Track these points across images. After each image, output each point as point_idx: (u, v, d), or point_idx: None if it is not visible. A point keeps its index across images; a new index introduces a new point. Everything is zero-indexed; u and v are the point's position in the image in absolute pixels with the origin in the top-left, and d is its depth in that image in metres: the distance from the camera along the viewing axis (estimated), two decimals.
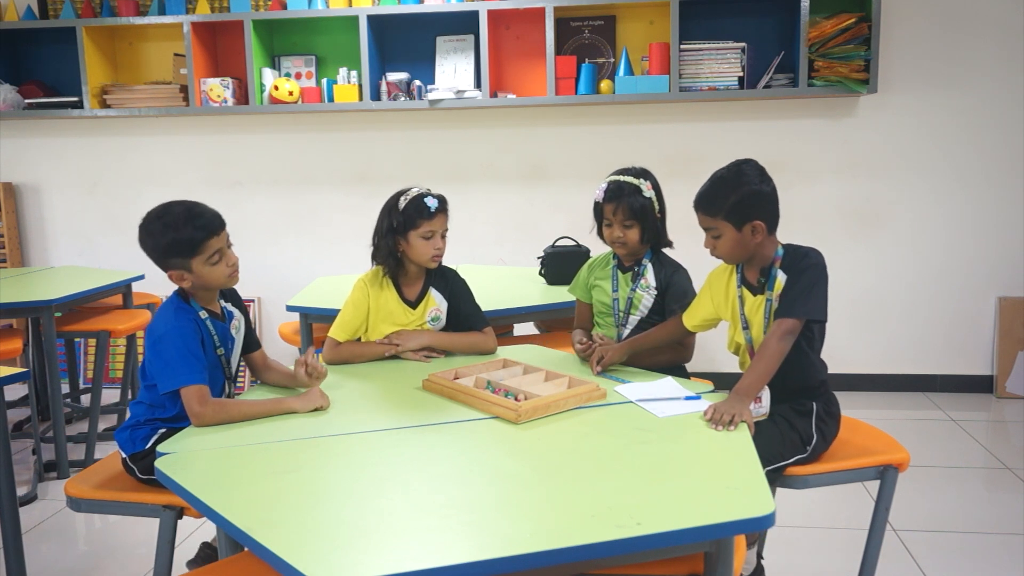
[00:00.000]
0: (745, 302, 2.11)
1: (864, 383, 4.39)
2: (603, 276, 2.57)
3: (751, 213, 2.01)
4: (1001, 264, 4.25)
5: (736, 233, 2.03)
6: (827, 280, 2.03)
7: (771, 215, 2.06)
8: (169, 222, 2.02)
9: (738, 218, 2.01)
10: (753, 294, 2.10)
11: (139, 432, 2.07)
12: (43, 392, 4.12)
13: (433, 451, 1.71)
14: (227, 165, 4.62)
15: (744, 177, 2.03)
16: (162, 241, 2.02)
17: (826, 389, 2.15)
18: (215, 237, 2.04)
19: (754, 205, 2.01)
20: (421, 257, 2.42)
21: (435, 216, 2.39)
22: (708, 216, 2.05)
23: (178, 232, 2.01)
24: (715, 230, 2.06)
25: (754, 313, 2.09)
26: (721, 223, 2.03)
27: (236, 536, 1.39)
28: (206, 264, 2.04)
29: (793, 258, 2.06)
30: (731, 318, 2.17)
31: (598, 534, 1.31)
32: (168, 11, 4.31)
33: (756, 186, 2.03)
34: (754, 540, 2.21)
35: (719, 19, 4.17)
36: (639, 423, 1.82)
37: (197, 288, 2.08)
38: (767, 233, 2.05)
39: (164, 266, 2.05)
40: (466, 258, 4.31)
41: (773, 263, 2.06)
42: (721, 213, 2.02)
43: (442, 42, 4.34)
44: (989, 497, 3.20)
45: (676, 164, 4.26)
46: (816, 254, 2.06)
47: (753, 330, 2.09)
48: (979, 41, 4.11)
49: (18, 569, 2.45)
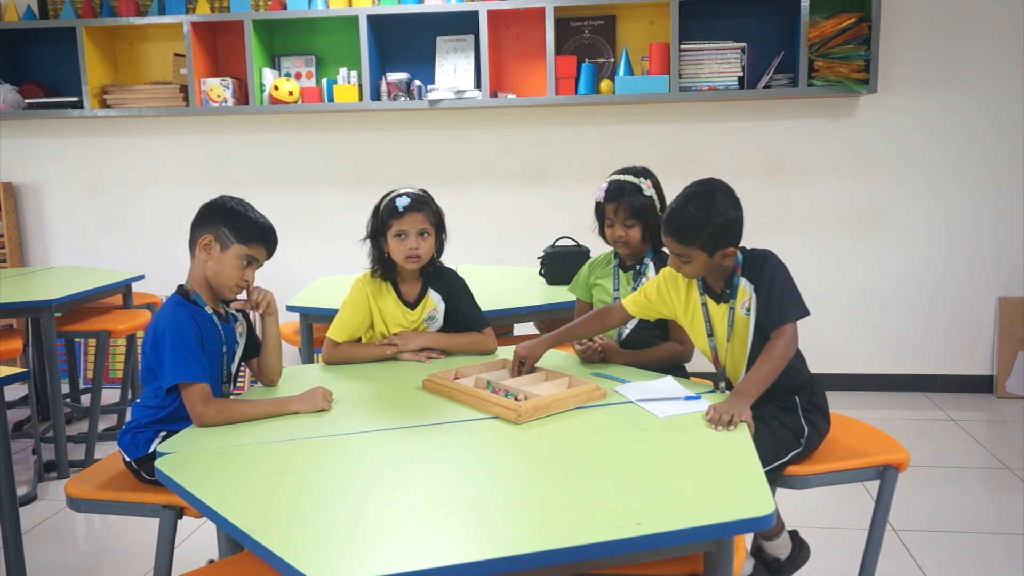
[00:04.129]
0: (709, 309, 2.10)
1: (864, 383, 4.38)
2: (604, 275, 2.57)
3: (724, 241, 2.00)
4: (1001, 264, 4.25)
5: (708, 259, 2.02)
6: (790, 274, 2.03)
7: (740, 237, 2.04)
8: (252, 209, 2.12)
9: (712, 247, 2.00)
10: (716, 302, 2.09)
11: (140, 436, 2.07)
12: (43, 392, 4.12)
13: (433, 451, 1.71)
14: (227, 165, 4.63)
15: (717, 207, 1.99)
16: (234, 212, 2.08)
17: (808, 385, 2.15)
18: (262, 249, 2.11)
19: (728, 234, 2.00)
20: (397, 258, 2.39)
21: (404, 215, 2.35)
22: (680, 244, 2.02)
23: (252, 219, 2.09)
24: (686, 256, 2.03)
25: (719, 321, 2.09)
26: (694, 251, 2.01)
27: (236, 536, 1.39)
28: (234, 259, 2.07)
29: (752, 264, 2.05)
30: (689, 323, 2.17)
31: (598, 534, 1.31)
32: (168, 11, 4.31)
33: (731, 215, 2.01)
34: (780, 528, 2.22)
35: (719, 19, 4.17)
36: (639, 423, 1.82)
37: (208, 272, 2.08)
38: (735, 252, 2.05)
39: (212, 227, 2.07)
40: (466, 258, 4.31)
41: (734, 271, 2.06)
42: (695, 244, 2.01)
43: (442, 42, 4.34)
44: (989, 497, 3.20)
45: (676, 164, 4.26)
46: (772, 256, 2.05)
47: (717, 336, 2.09)
48: (979, 41, 4.11)
49: (18, 569, 2.45)
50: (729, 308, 2.06)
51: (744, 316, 2.04)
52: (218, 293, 2.13)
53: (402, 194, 2.39)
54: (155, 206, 4.68)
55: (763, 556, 2.25)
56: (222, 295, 2.13)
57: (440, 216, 2.45)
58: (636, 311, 2.25)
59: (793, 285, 2.02)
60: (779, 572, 2.25)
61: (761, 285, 2.01)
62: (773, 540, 2.21)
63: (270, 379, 2.22)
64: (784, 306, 1.99)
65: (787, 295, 2.00)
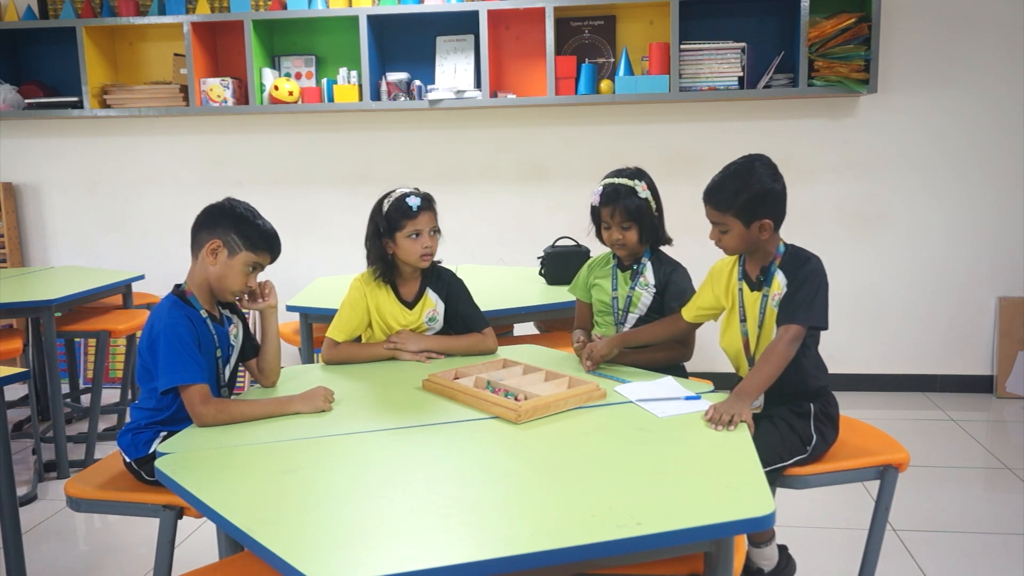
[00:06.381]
0: (744, 295, 2.12)
1: (864, 383, 4.38)
2: (603, 275, 2.57)
3: (761, 211, 2.01)
4: (1001, 264, 4.25)
5: (744, 229, 2.03)
6: (828, 288, 2.04)
7: (779, 213, 2.06)
8: (259, 215, 2.12)
9: (747, 215, 2.01)
10: (751, 289, 2.10)
11: (140, 437, 2.07)
12: (43, 392, 4.12)
13: (433, 451, 1.71)
14: (227, 165, 4.62)
15: (756, 174, 2.02)
16: (243, 218, 2.08)
17: (824, 392, 2.15)
18: (268, 256, 2.11)
19: (764, 204, 2.01)
20: (410, 257, 2.41)
21: (418, 215, 2.38)
22: (717, 211, 2.05)
23: (260, 227, 2.09)
24: (723, 225, 2.06)
25: (751, 307, 2.10)
26: (730, 219, 2.03)
27: (236, 536, 1.39)
28: (242, 265, 2.07)
29: (794, 260, 2.06)
30: (730, 309, 2.18)
31: (598, 534, 1.31)
32: (168, 11, 4.31)
33: (768, 184, 2.03)
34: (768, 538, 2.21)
35: (719, 19, 4.17)
36: (639, 423, 1.82)
37: (210, 276, 2.08)
38: (773, 230, 2.06)
39: (221, 232, 2.06)
40: (466, 258, 4.31)
41: (773, 260, 2.06)
42: (731, 210, 2.02)
43: (442, 42, 4.34)
44: (989, 497, 3.20)
45: (676, 164, 4.26)
46: (817, 261, 2.06)
47: (749, 323, 2.10)
48: (979, 41, 4.11)
49: (18, 569, 2.45)
50: (763, 296, 2.06)
51: (774, 309, 2.04)
52: (219, 296, 2.12)
53: (411, 194, 2.40)
54: (155, 206, 4.68)
55: (748, 564, 2.22)
56: (223, 298, 2.13)
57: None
58: (694, 317, 2.28)
59: (824, 296, 2.02)
60: None
61: (794, 282, 2.02)
62: (762, 548, 2.19)
63: (270, 379, 2.22)
64: (803, 308, 1.99)
65: (813, 300, 1.99)
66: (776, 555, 2.24)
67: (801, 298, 2.00)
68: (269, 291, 2.18)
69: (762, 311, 2.06)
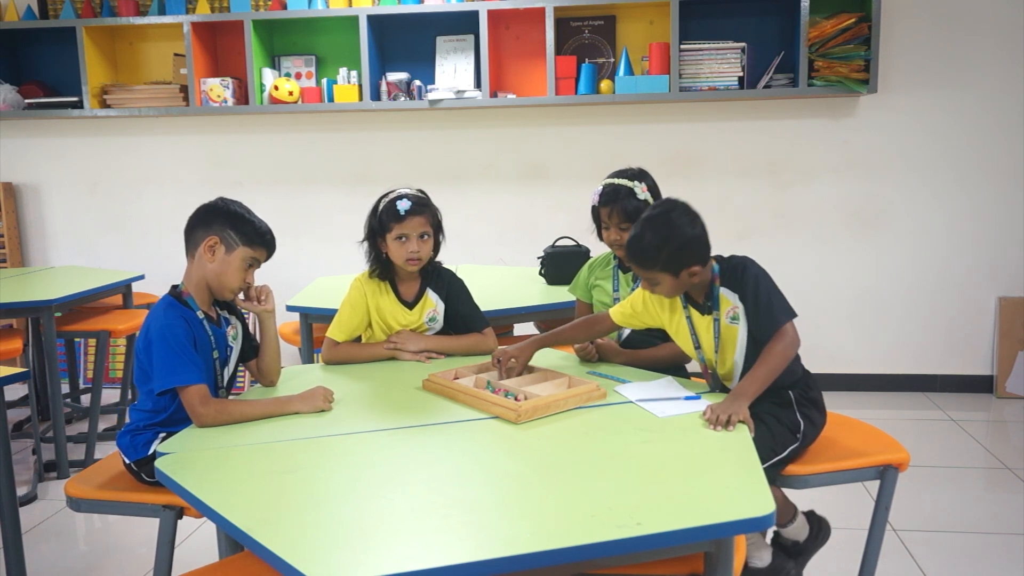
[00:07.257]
0: (694, 321, 2.10)
1: (864, 383, 4.38)
2: (604, 276, 2.57)
3: (687, 260, 1.99)
4: (1001, 264, 4.26)
5: (674, 280, 2.02)
6: (770, 277, 2.03)
7: (705, 255, 2.04)
8: (252, 212, 2.13)
9: (675, 267, 2.00)
10: (701, 314, 2.09)
11: (139, 438, 2.07)
12: (43, 392, 4.12)
13: (433, 451, 1.71)
14: (227, 165, 4.63)
15: (674, 227, 2.00)
16: (238, 215, 2.09)
17: (802, 378, 2.14)
18: (264, 251, 2.12)
19: (689, 251, 2.00)
20: (397, 260, 2.40)
21: (406, 219, 2.35)
22: (643, 269, 2.03)
23: (254, 222, 2.10)
24: (652, 279, 2.04)
25: (704, 332, 2.08)
26: (658, 274, 2.02)
27: (236, 536, 1.39)
28: (239, 261, 2.07)
29: (731, 274, 2.04)
30: (675, 335, 2.17)
31: (598, 534, 1.31)
32: (168, 11, 4.31)
33: (688, 232, 2.00)
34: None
35: (719, 19, 4.17)
36: (639, 423, 1.82)
37: (208, 274, 2.08)
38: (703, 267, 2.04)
39: (216, 229, 2.07)
40: (466, 258, 4.31)
41: (713, 281, 2.06)
42: (657, 267, 2.01)
43: (442, 42, 4.34)
44: (989, 497, 3.20)
45: (676, 164, 4.26)
46: (752, 262, 2.05)
47: (705, 349, 2.09)
48: (979, 41, 4.11)
49: (18, 569, 2.45)
50: (714, 319, 2.05)
51: (730, 325, 2.03)
52: (218, 294, 2.12)
53: (402, 196, 2.38)
54: (155, 206, 4.68)
55: (781, 541, 2.25)
56: (222, 296, 2.13)
57: (438, 217, 2.45)
58: (622, 321, 2.25)
59: (777, 289, 2.02)
60: (800, 554, 2.25)
61: (746, 294, 2.01)
62: (788, 527, 2.22)
63: (269, 379, 2.22)
64: (774, 310, 1.99)
65: (774, 300, 2.00)
66: (806, 525, 2.26)
67: (765, 303, 1.99)
68: (267, 296, 2.18)
69: (716, 334, 2.05)
